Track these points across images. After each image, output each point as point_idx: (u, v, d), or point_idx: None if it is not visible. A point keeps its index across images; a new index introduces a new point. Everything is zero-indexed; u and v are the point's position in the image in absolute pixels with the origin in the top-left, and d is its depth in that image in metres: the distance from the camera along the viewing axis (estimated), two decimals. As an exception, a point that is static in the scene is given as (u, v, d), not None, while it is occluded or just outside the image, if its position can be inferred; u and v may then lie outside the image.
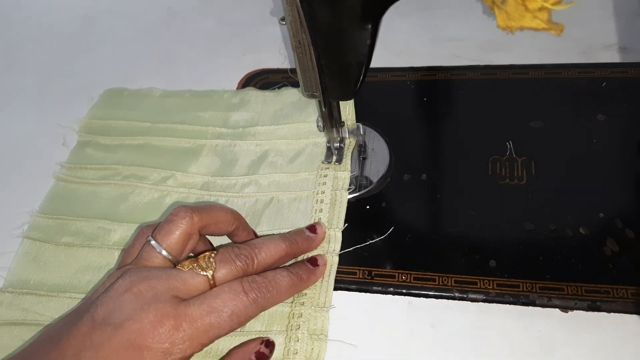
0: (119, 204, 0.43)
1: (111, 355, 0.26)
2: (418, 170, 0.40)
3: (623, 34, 0.46)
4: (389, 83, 0.47)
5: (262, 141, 0.45)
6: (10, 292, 0.39)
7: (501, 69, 0.45)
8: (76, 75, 0.56)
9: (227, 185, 0.42)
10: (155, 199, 0.42)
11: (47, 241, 0.41)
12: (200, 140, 0.46)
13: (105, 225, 0.41)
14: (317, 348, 0.31)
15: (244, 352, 0.31)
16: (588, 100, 0.42)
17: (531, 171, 0.38)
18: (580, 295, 0.32)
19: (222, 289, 0.29)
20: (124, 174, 0.45)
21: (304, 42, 0.31)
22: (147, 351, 0.26)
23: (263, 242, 0.33)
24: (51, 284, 0.39)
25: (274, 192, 0.41)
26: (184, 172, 0.44)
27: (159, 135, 0.47)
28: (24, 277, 0.40)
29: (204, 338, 0.28)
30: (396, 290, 0.34)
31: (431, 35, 0.51)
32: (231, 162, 0.44)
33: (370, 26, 0.30)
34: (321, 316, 0.33)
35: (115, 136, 0.48)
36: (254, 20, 0.57)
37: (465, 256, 0.35)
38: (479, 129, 0.42)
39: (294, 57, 0.33)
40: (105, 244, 0.40)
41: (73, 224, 0.42)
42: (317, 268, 0.34)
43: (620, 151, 0.38)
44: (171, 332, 0.27)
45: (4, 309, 0.38)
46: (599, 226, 0.35)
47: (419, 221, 0.38)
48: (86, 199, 0.44)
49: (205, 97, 0.50)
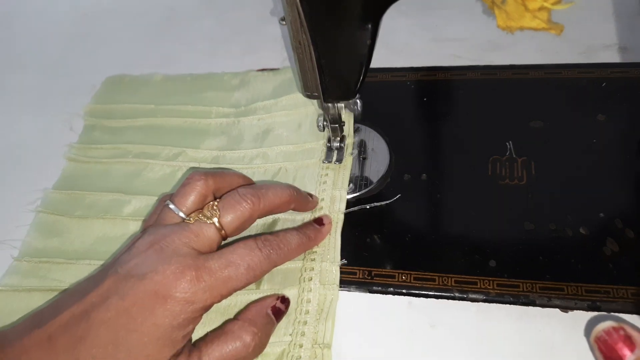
0: (132, 179, 0.44)
1: (136, 302, 0.27)
2: (418, 170, 0.40)
3: (623, 34, 0.46)
4: (389, 83, 0.47)
5: (264, 115, 0.46)
6: (27, 260, 0.40)
7: (501, 69, 0.45)
8: (76, 75, 0.56)
9: (236, 158, 0.44)
10: (168, 174, 0.44)
11: (61, 214, 0.42)
12: (204, 119, 0.47)
13: (119, 197, 0.42)
14: (329, 295, 0.33)
15: (261, 306, 0.32)
16: (588, 100, 0.42)
17: (531, 171, 0.38)
18: (580, 295, 0.32)
19: (238, 245, 0.31)
20: (135, 152, 0.46)
21: (304, 42, 0.31)
22: (170, 300, 0.28)
23: (268, 184, 0.35)
24: (68, 253, 0.40)
25: (281, 163, 0.42)
26: (193, 149, 0.45)
27: (164, 116, 0.48)
28: (40, 247, 0.41)
29: (223, 289, 0.29)
30: (396, 290, 0.34)
31: (431, 35, 0.51)
32: (237, 138, 0.45)
33: (370, 26, 0.30)
34: (331, 268, 0.35)
35: (121, 119, 0.49)
36: (254, 20, 0.57)
37: (465, 256, 0.35)
38: (479, 129, 0.42)
39: (294, 57, 0.33)
40: (119, 215, 0.41)
41: (87, 197, 0.43)
42: (323, 227, 0.36)
43: (620, 151, 0.38)
44: (192, 283, 0.28)
45: (20, 277, 0.39)
46: (599, 226, 0.35)
47: (419, 221, 0.38)
48: (99, 177, 0.45)
49: (206, 79, 0.51)
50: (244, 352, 0.29)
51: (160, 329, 0.27)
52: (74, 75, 0.56)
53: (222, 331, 0.30)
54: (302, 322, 0.32)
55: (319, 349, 0.31)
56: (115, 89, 0.52)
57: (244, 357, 0.30)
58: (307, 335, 0.32)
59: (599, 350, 0.27)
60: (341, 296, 0.35)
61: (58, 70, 0.57)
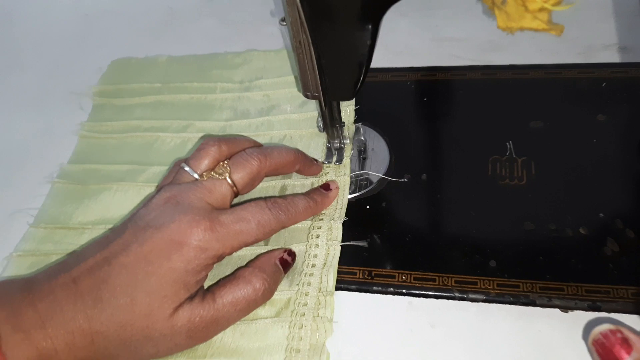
0: (144, 152, 0.46)
1: (154, 248, 0.30)
2: (418, 170, 0.40)
3: (623, 34, 0.46)
4: (389, 83, 0.47)
5: (269, 91, 0.48)
6: (43, 227, 0.41)
7: (501, 69, 0.45)
8: (77, 75, 0.56)
9: (243, 127, 0.46)
10: (178, 144, 0.46)
11: (77, 183, 0.44)
12: (210, 95, 0.49)
13: (133, 168, 0.44)
14: (332, 251, 0.36)
15: (269, 257, 0.35)
16: (588, 100, 0.42)
17: (531, 171, 0.38)
18: (580, 295, 0.32)
19: (250, 204, 0.33)
20: (145, 127, 0.48)
21: (304, 42, 0.31)
22: (185, 246, 0.30)
23: (273, 146, 0.38)
24: (84, 218, 0.42)
25: (286, 130, 0.45)
26: (201, 121, 0.47)
27: (171, 93, 0.50)
28: (56, 214, 0.42)
29: (234, 241, 0.32)
30: (396, 290, 0.34)
31: (431, 35, 0.51)
32: (243, 112, 0.47)
33: (370, 26, 0.30)
34: (336, 226, 0.37)
35: (129, 97, 0.51)
36: (254, 20, 0.57)
37: (465, 256, 0.35)
38: (479, 129, 0.42)
39: (294, 57, 0.33)
40: (134, 181, 0.43)
41: (102, 168, 0.45)
42: (330, 192, 0.38)
43: (620, 151, 0.38)
44: (206, 232, 0.30)
45: (36, 243, 0.41)
46: (599, 226, 0.35)
47: (419, 221, 0.38)
48: (112, 151, 0.47)
49: (209, 59, 0.53)
50: (254, 296, 0.32)
51: (175, 273, 0.29)
52: (74, 75, 0.56)
53: (234, 277, 0.33)
54: (309, 274, 0.35)
55: (323, 296, 0.34)
56: (122, 71, 0.54)
57: (254, 301, 0.32)
58: (313, 284, 0.34)
59: (597, 353, 0.27)
60: (341, 296, 0.35)
61: (58, 70, 0.57)
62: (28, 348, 0.27)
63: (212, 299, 0.31)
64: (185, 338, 0.30)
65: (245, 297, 0.32)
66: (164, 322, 0.29)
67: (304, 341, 0.32)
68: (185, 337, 0.30)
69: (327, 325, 0.32)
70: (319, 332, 0.32)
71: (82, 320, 0.29)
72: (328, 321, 0.33)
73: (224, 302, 0.31)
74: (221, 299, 0.31)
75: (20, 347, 0.27)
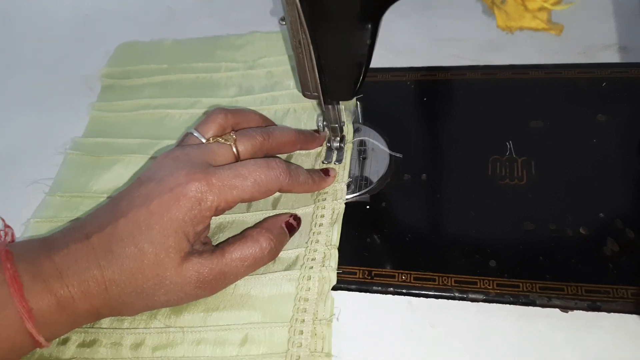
0: (155, 127, 0.48)
1: (154, 198, 0.31)
2: (418, 170, 0.40)
3: (623, 34, 0.46)
4: (389, 83, 0.47)
5: (272, 68, 0.50)
6: (59, 195, 0.43)
7: (501, 69, 0.45)
8: (77, 75, 0.56)
9: (248, 102, 0.48)
10: (187, 120, 0.48)
11: (90, 155, 0.46)
12: (215, 73, 0.51)
13: (144, 141, 0.46)
14: (337, 209, 0.38)
15: (276, 220, 0.37)
16: (588, 100, 0.42)
17: (531, 171, 0.38)
18: (580, 295, 0.32)
19: (249, 161, 0.34)
20: (154, 105, 0.50)
21: (304, 42, 0.31)
22: (183, 197, 0.31)
23: (277, 126, 0.41)
24: (98, 188, 0.44)
25: (289, 104, 0.46)
26: (208, 98, 0.49)
27: (177, 73, 0.52)
28: (71, 183, 0.44)
29: (229, 195, 0.33)
30: (396, 290, 0.34)
31: (431, 35, 0.51)
32: (247, 89, 0.49)
33: (370, 26, 0.30)
34: (340, 188, 0.39)
35: (137, 78, 0.53)
36: (254, 20, 0.57)
37: (465, 256, 0.35)
38: (479, 129, 0.42)
39: (294, 57, 0.33)
40: (146, 153, 0.45)
41: (114, 142, 0.47)
42: (328, 177, 0.39)
43: (620, 151, 0.38)
44: (202, 185, 0.32)
45: (53, 210, 0.43)
46: (599, 226, 0.35)
47: (419, 221, 0.38)
48: (123, 127, 0.48)
49: (213, 41, 0.55)
50: (260, 254, 0.34)
51: (175, 223, 0.31)
52: (74, 75, 0.56)
53: (242, 235, 0.35)
54: (317, 232, 0.37)
55: (328, 249, 0.36)
56: (129, 53, 0.56)
57: (260, 258, 0.34)
58: (320, 241, 0.36)
59: None
60: (341, 296, 0.35)
61: (58, 70, 0.57)
62: (48, 295, 0.30)
63: (221, 254, 0.33)
64: (194, 288, 0.32)
65: (252, 254, 0.34)
66: (173, 271, 0.31)
67: (312, 291, 0.34)
68: (194, 287, 0.32)
69: (332, 274, 0.35)
70: (325, 281, 0.35)
71: (95, 269, 0.31)
72: (332, 270, 0.35)
73: (232, 258, 0.33)
74: (230, 254, 0.33)
75: (41, 295, 0.30)
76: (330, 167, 0.40)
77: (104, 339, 0.34)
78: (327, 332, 0.33)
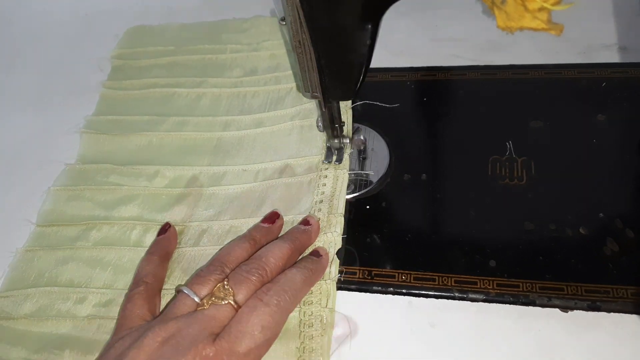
0: (163, 105, 0.50)
1: None
2: (418, 170, 0.40)
3: (623, 34, 0.46)
4: (389, 83, 0.47)
5: (276, 51, 0.52)
6: (78, 166, 0.46)
7: (501, 69, 0.45)
8: (77, 75, 0.56)
9: (252, 82, 0.50)
10: (194, 98, 0.50)
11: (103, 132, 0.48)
12: (221, 55, 0.53)
13: (153, 118, 0.48)
14: (340, 180, 0.40)
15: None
16: (588, 100, 0.42)
17: (531, 171, 0.38)
18: (580, 295, 0.32)
19: (243, 311, 0.30)
20: (161, 84, 0.52)
21: (304, 42, 0.31)
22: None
23: (267, 249, 0.34)
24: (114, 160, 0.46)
25: (292, 83, 0.48)
26: (214, 78, 0.51)
27: (184, 54, 0.54)
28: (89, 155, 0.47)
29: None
30: (396, 290, 0.34)
31: (431, 35, 0.51)
32: (252, 69, 0.51)
33: (370, 26, 0.30)
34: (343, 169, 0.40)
35: (145, 59, 0.55)
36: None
37: (465, 256, 0.35)
38: (479, 129, 0.42)
39: (294, 57, 0.33)
40: (156, 130, 0.47)
41: (124, 119, 0.49)
42: (321, 258, 0.35)
43: (620, 151, 0.38)
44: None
45: (72, 179, 0.45)
46: (599, 226, 0.35)
47: (419, 221, 0.38)
48: (133, 104, 0.51)
49: (218, 25, 0.57)
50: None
51: None
52: (74, 75, 0.56)
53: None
54: (319, 201, 0.39)
55: (334, 217, 0.37)
56: (137, 36, 0.58)
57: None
58: (323, 210, 0.38)
59: None
60: (341, 296, 0.35)
61: (58, 70, 0.57)
62: None
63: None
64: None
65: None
66: None
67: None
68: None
69: (337, 238, 0.36)
70: (330, 245, 0.36)
71: None
72: (338, 235, 0.36)
73: None
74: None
75: None
76: (318, 247, 0.36)
77: (120, 298, 0.36)
78: (332, 290, 0.34)
